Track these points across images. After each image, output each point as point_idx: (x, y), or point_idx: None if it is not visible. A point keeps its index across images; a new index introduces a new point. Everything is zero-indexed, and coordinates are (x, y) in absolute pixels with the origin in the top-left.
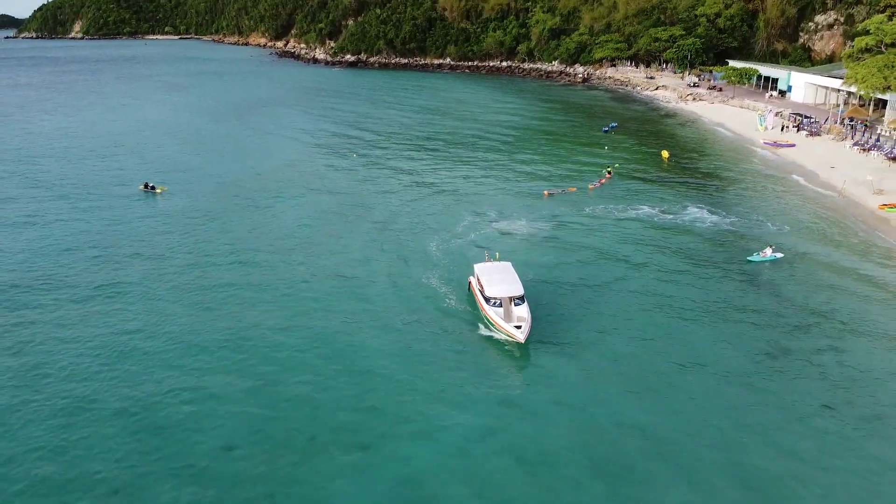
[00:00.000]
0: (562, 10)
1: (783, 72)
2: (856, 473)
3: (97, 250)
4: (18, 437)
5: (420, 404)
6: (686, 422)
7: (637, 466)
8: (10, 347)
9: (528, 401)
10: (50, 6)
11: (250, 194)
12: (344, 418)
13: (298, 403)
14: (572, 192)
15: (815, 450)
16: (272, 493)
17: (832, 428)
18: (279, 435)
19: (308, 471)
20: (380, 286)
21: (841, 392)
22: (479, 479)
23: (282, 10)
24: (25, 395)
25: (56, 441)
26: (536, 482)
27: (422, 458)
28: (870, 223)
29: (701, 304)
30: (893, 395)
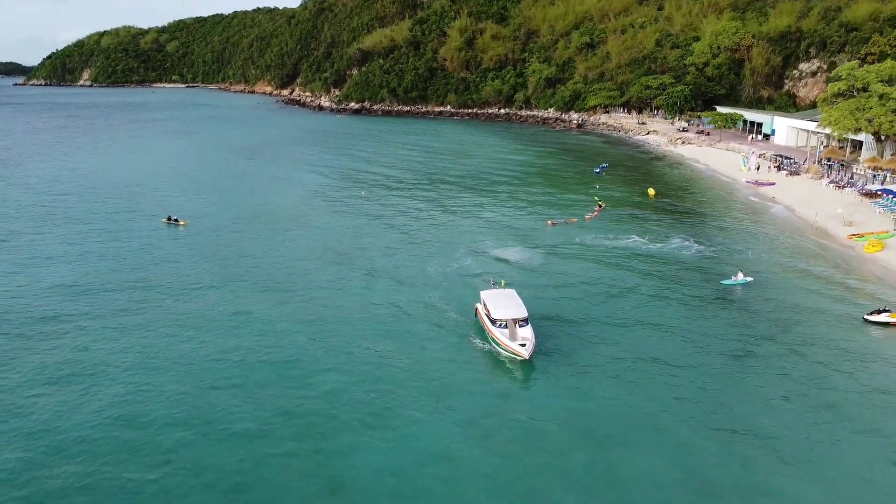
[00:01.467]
0: (557, 61)
1: (767, 117)
2: (802, 441)
3: (135, 272)
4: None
5: (433, 401)
6: (666, 405)
7: (622, 436)
8: (57, 361)
9: (531, 397)
10: (59, 54)
11: (267, 226)
12: (364, 409)
13: (326, 395)
14: (573, 223)
15: (774, 425)
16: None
17: (787, 410)
18: (308, 417)
19: (332, 441)
20: (392, 311)
21: (797, 386)
22: (484, 446)
23: (287, 60)
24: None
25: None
26: (532, 448)
27: (439, 431)
28: (838, 252)
29: (681, 320)
30: (840, 390)
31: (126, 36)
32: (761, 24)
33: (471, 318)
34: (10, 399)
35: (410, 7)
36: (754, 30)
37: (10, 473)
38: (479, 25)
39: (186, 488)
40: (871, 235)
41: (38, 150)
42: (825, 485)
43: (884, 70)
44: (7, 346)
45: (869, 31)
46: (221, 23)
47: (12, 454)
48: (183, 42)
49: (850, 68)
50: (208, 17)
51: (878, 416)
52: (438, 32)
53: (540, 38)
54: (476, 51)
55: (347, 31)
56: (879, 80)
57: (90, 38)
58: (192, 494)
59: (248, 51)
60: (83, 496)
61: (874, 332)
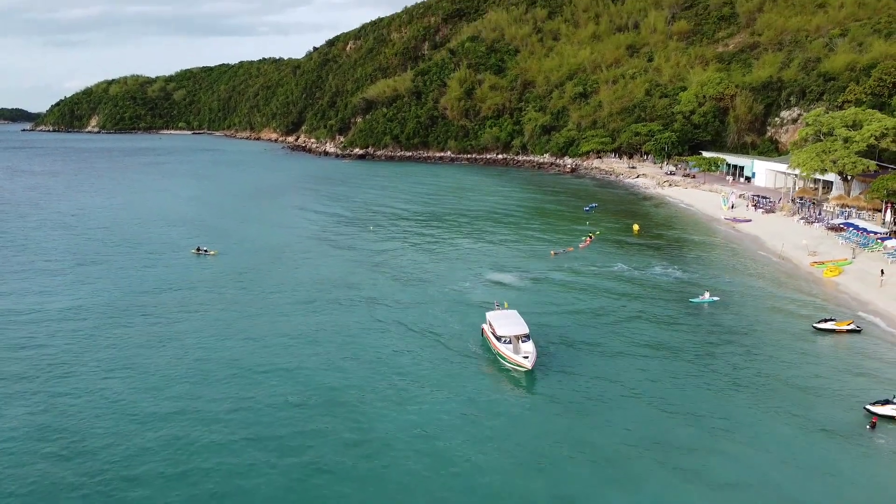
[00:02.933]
0: (552, 109)
1: (748, 160)
2: (746, 420)
3: (178, 293)
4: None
5: (444, 404)
6: (639, 392)
7: (603, 415)
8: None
9: (533, 400)
10: (68, 101)
11: (288, 256)
12: (390, 408)
13: (356, 391)
14: (570, 252)
15: (725, 404)
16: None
17: (738, 397)
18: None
19: (352, 422)
20: (407, 331)
21: (747, 378)
22: (494, 439)
23: (293, 108)
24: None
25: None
26: (536, 437)
27: (453, 428)
28: (800, 276)
29: (656, 331)
30: (783, 379)
31: (134, 84)
32: (745, 75)
33: (478, 336)
34: (90, 386)
35: (412, 59)
36: (738, 80)
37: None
38: (478, 77)
39: (270, 438)
40: (831, 262)
41: (64, 191)
42: (759, 447)
43: (847, 116)
44: (77, 347)
45: (846, 80)
46: (228, 72)
47: (98, 443)
48: (190, 90)
49: (817, 115)
50: (215, 67)
51: (811, 398)
52: (439, 83)
53: (535, 89)
54: (475, 100)
55: (351, 81)
56: (844, 125)
57: (98, 86)
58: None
59: (254, 99)
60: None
61: (821, 338)
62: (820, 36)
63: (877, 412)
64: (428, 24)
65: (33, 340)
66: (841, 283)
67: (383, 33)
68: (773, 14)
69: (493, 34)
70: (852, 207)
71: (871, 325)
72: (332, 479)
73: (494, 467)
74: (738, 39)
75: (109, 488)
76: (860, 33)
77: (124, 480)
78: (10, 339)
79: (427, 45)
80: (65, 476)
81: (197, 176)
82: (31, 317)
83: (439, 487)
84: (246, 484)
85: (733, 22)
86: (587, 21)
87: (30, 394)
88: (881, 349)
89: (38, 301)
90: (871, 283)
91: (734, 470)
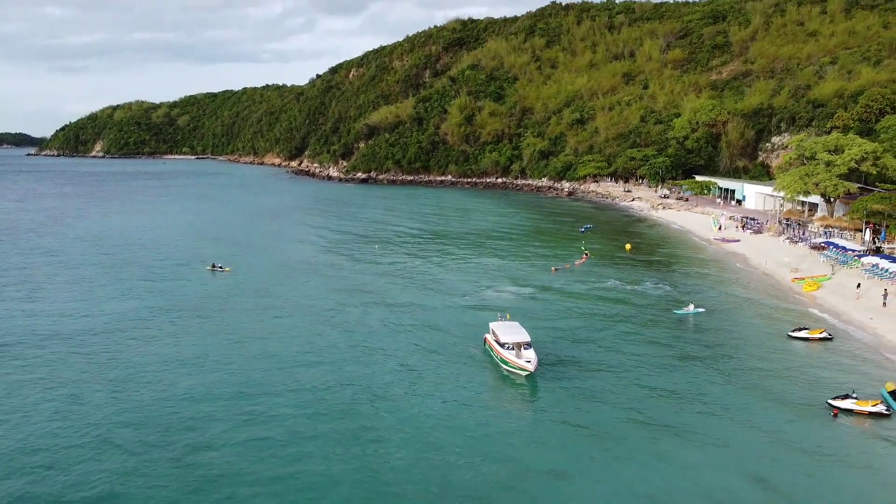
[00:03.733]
0: (550, 135)
1: (738, 184)
2: (724, 411)
3: (198, 302)
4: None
5: (456, 404)
6: (628, 389)
7: (596, 409)
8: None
9: (535, 400)
10: (73, 126)
11: (297, 272)
12: (401, 408)
13: (372, 395)
14: (567, 268)
15: (705, 398)
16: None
17: (717, 392)
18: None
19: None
20: (415, 339)
21: (725, 377)
22: (502, 433)
23: (296, 133)
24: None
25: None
26: (539, 430)
27: (464, 423)
28: (781, 290)
29: (644, 339)
30: (757, 380)
31: (139, 110)
32: (737, 102)
33: (481, 345)
34: (123, 387)
35: (414, 86)
36: (730, 107)
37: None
38: (478, 104)
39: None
40: (810, 278)
41: (80, 212)
42: (734, 433)
43: (829, 141)
44: (117, 349)
45: (834, 107)
46: (231, 98)
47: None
48: (194, 116)
49: (800, 140)
50: (219, 93)
51: (782, 393)
52: (440, 109)
53: (534, 115)
54: (475, 126)
55: (354, 108)
56: (825, 150)
57: (103, 111)
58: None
59: (258, 124)
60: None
61: (796, 344)
62: (811, 64)
63: (837, 405)
64: (429, 52)
65: (87, 343)
66: (819, 297)
67: (385, 61)
68: (765, 43)
69: (492, 62)
70: (835, 227)
71: (842, 333)
72: (346, 471)
73: (504, 450)
74: (732, 67)
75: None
76: (849, 61)
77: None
78: (60, 345)
79: (428, 72)
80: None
81: (205, 198)
82: (79, 324)
83: (456, 454)
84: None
85: (727, 50)
86: (584, 50)
87: (91, 391)
88: (849, 353)
89: (76, 310)
90: (846, 297)
91: (713, 450)
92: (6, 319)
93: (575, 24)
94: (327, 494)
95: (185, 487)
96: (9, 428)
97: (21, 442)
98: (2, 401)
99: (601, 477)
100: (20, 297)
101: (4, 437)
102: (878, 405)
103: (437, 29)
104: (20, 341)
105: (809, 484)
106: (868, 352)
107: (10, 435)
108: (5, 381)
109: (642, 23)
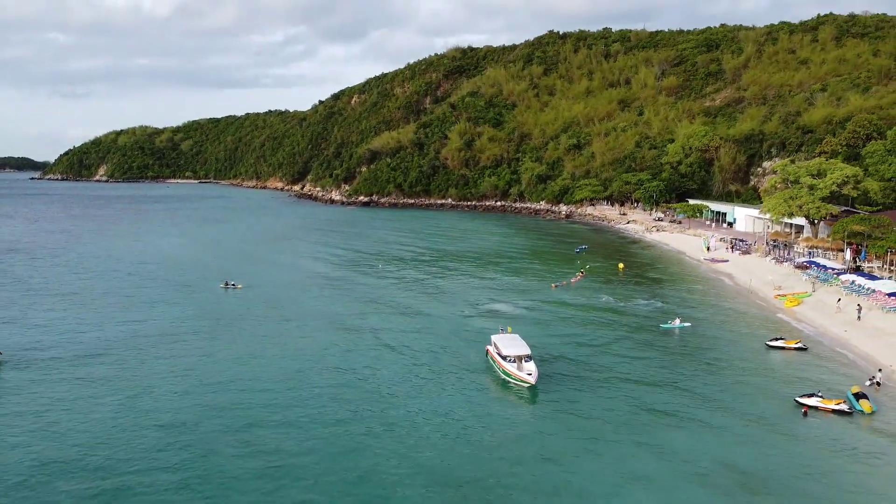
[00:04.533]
0: (548, 160)
1: (729, 207)
2: (705, 408)
3: (215, 318)
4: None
5: (459, 413)
6: (621, 392)
7: (593, 411)
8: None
9: (535, 409)
10: (77, 150)
11: (306, 289)
12: (407, 416)
13: (382, 403)
14: (564, 285)
15: (688, 398)
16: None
17: (699, 393)
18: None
19: (373, 417)
20: (420, 351)
21: (706, 380)
22: (507, 439)
23: (299, 158)
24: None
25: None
26: (541, 435)
27: (469, 430)
28: (764, 306)
29: (634, 350)
30: (735, 382)
31: (142, 135)
32: (730, 128)
33: (483, 357)
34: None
35: (415, 112)
36: (723, 132)
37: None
38: (477, 129)
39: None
40: (791, 294)
41: (94, 233)
42: (714, 427)
43: (812, 166)
44: (147, 356)
45: (823, 132)
46: (234, 124)
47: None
48: (197, 141)
49: (784, 165)
50: (222, 119)
51: (758, 393)
52: (440, 135)
53: (532, 140)
54: (474, 151)
55: (356, 133)
56: (808, 174)
57: (107, 136)
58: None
59: (261, 149)
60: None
61: (772, 353)
62: (802, 91)
63: (804, 403)
64: (430, 79)
65: (119, 355)
66: (799, 312)
67: (387, 88)
68: (757, 70)
69: (491, 90)
70: (819, 248)
71: (816, 343)
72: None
73: (509, 447)
74: (725, 94)
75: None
76: (839, 88)
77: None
78: (90, 359)
79: (429, 99)
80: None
81: (212, 220)
82: (112, 334)
83: (466, 455)
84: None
85: (720, 78)
86: (581, 77)
87: (114, 395)
88: (820, 360)
89: (112, 322)
90: (824, 312)
91: (695, 442)
92: (49, 328)
93: (572, 53)
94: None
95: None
96: (72, 422)
97: (85, 434)
98: (61, 397)
99: (598, 466)
100: (63, 309)
101: (71, 429)
102: (841, 404)
103: (437, 57)
104: (67, 352)
105: (775, 465)
106: (838, 359)
107: (77, 427)
108: (59, 379)
109: (638, 51)
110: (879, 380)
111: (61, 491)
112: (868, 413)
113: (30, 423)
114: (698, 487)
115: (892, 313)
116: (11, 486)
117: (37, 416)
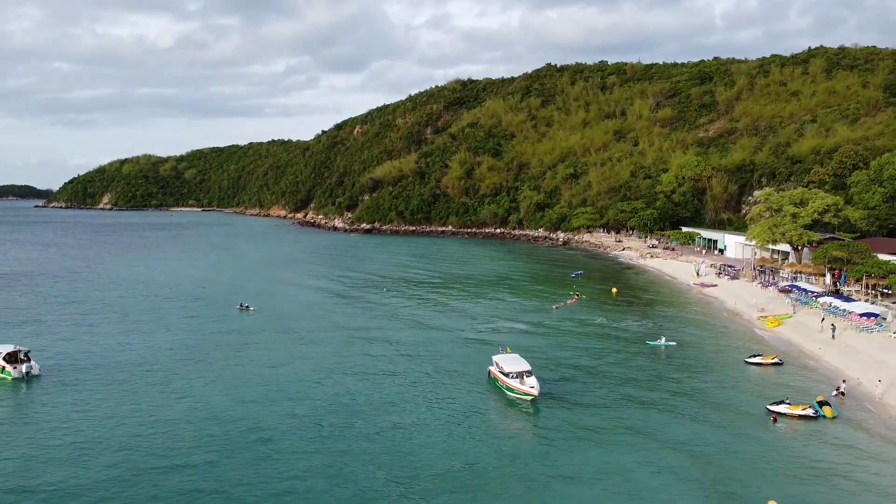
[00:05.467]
0: (545, 189)
1: (719, 234)
2: (685, 416)
3: (234, 336)
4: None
5: (464, 425)
6: (610, 401)
7: (588, 418)
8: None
9: (538, 421)
10: (81, 179)
11: (316, 312)
12: (419, 431)
13: (396, 417)
14: (561, 307)
15: (670, 406)
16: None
17: (681, 403)
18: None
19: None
20: (425, 370)
21: (687, 393)
22: (512, 449)
23: (301, 186)
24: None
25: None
26: (545, 444)
27: (477, 443)
28: (746, 326)
29: (625, 365)
30: (715, 394)
31: (146, 163)
32: (722, 158)
33: (485, 376)
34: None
35: (416, 143)
36: (715, 162)
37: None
38: (477, 159)
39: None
40: (773, 316)
41: (105, 259)
42: (693, 432)
43: (795, 195)
44: (172, 371)
45: (811, 163)
46: (238, 152)
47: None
48: (200, 169)
49: (767, 195)
50: (225, 148)
51: (734, 403)
52: (441, 164)
53: (530, 170)
54: (474, 180)
55: (359, 162)
56: (791, 203)
57: (111, 165)
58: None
59: (263, 178)
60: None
61: (750, 368)
62: (792, 122)
63: (774, 410)
64: (430, 111)
65: (146, 374)
66: (779, 331)
67: (389, 119)
68: (749, 102)
69: (490, 121)
70: (803, 273)
71: (792, 360)
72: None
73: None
74: (718, 125)
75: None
76: (828, 119)
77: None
78: (130, 366)
79: (430, 129)
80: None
81: (219, 247)
82: (138, 354)
83: (471, 458)
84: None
85: (713, 109)
86: (578, 109)
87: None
88: (794, 375)
89: (137, 340)
90: (802, 332)
91: (677, 445)
92: (79, 345)
93: (569, 85)
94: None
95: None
96: (102, 430)
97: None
98: (96, 410)
99: (596, 466)
100: (89, 326)
101: (104, 436)
102: (806, 409)
103: (438, 89)
104: (99, 368)
105: (745, 462)
106: (809, 373)
107: (104, 435)
108: (95, 392)
109: (633, 83)
110: (843, 390)
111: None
112: (830, 418)
113: (62, 435)
114: (673, 481)
115: (864, 332)
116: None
117: (71, 429)
